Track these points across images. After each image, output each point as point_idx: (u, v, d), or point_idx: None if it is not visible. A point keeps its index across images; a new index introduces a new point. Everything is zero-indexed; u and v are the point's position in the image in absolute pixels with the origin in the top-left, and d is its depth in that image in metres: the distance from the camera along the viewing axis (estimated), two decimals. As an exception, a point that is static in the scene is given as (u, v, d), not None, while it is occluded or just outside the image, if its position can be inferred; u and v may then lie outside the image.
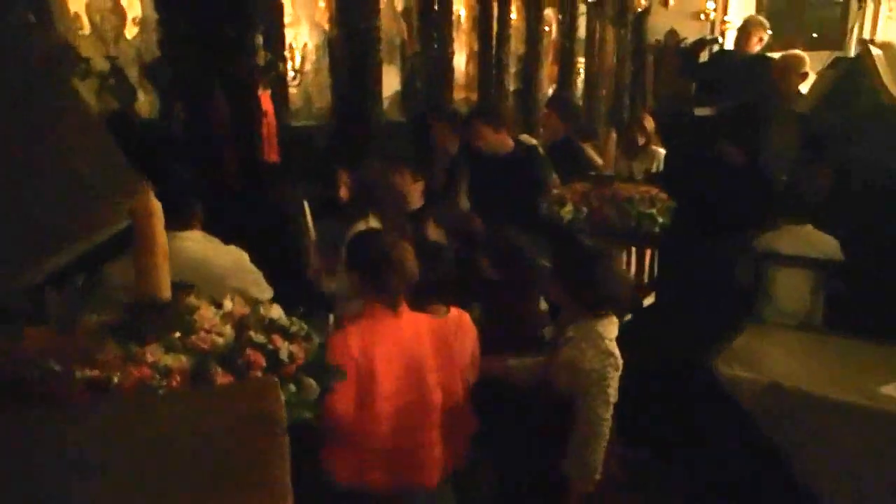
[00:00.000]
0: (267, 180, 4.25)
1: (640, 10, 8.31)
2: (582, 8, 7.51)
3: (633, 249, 4.21)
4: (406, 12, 5.81)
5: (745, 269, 3.23)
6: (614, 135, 4.68)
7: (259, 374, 1.35)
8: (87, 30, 3.84)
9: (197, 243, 2.43)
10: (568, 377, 2.14)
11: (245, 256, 2.50)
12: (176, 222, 2.40)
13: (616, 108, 7.89)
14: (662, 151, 4.91)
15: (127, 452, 0.81)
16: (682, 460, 3.07)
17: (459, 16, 6.39)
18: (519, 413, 2.29)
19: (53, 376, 1.31)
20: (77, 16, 3.79)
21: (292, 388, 1.39)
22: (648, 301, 4.29)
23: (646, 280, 4.26)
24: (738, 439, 2.71)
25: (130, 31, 4.24)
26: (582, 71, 7.73)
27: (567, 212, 3.52)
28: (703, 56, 6.60)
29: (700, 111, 5.85)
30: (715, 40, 7.25)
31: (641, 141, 4.75)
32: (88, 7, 3.96)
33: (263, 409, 0.85)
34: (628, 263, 4.04)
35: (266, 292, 2.39)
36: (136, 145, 4.06)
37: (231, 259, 2.46)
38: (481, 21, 6.40)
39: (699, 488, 2.91)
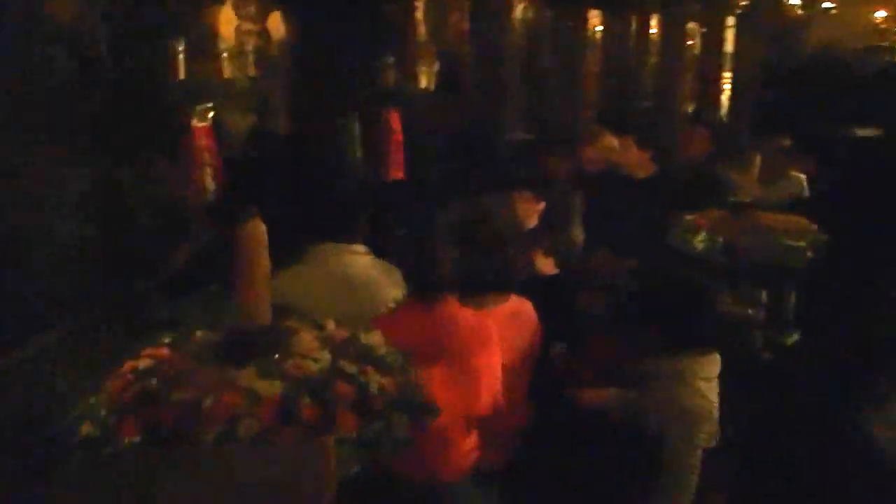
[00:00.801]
0: (391, 197, 4.34)
1: (797, 20, 7.69)
2: (730, 20, 7.06)
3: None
4: (539, 28, 5.73)
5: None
6: (758, 158, 4.31)
7: (346, 410, 1.31)
8: (233, 51, 4.09)
9: (364, 256, 2.48)
10: (656, 416, 1.99)
11: (396, 269, 2.49)
12: (345, 234, 2.47)
13: (761, 127, 7.34)
14: (803, 176, 4.46)
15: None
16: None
17: (595, 31, 6.22)
18: (604, 446, 2.17)
19: (150, 395, 1.34)
20: (225, 38, 4.05)
21: (379, 425, 1.34)
22: (791, 341, 3.91)
23: (789, 319, 3.87)
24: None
25: (274, 52, 4.47)
26: (728, 87, 7.27)
27: (700, 241, 3.25)
28: (869, 70, 5.96)
29: (863, 131, 5.29)
30: (890, 50, 6.51)
31: (784, 164, 4.35)
32: (237, 29, 4.22)
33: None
34: (768, 299, 3.68)
35: None
36: (277, 160, 4.30)
37: (388, 269, 2.48)
38: (617, 36, 6.19)
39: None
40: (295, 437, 1.23)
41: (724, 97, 7.27)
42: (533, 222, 3.18)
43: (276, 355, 1.47)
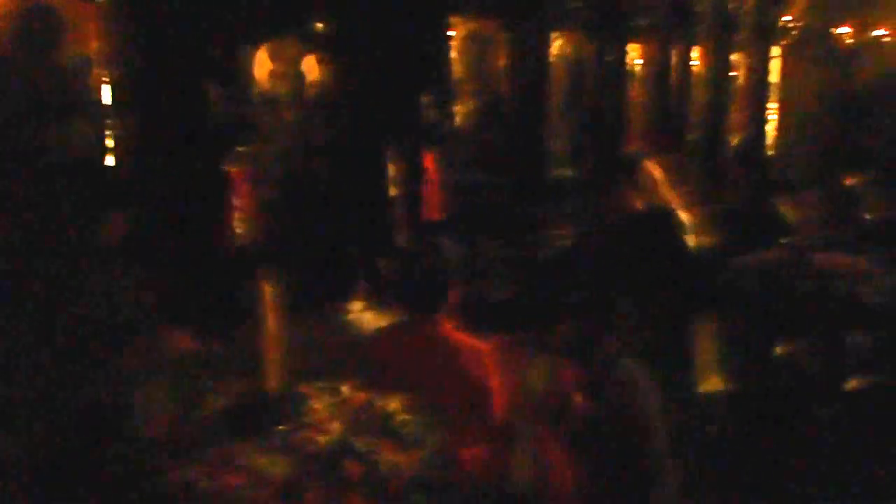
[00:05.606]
0: (427, 237, 4.24)
1: (851, 47, 7.42)
2: (775, 50, 6.87)
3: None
4: (578, 63, 5.63)
5: None
6: (815, 194, 4.08)
7: (355, 493, 1.19)
8: (267, 95, 4.09)
9: (363, 314, 2.61)
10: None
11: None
12: (346, 295, 2.54)
13: (817, 161, 7.05)
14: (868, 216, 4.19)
15: None
16: None
17: (634, 65, 6.10)
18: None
19: (154, 470, 1.25)
20: (259, 82, 4.06)
21: (393, 509, 1.22)
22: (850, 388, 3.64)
23: (849, 365, 3.60)
24: None
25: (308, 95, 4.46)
26: (775, 117, 7.04)
27: (752, 283, 3.07)
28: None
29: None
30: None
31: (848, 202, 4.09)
32: (272, 73, 4.23)
33: None
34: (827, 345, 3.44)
35: None
36: (315, 202, 4.26)
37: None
38: (658, 69, 6.06)
39: None
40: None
41: (771, 128, 7.04)
42: None
43: (282, 427, 1.37)
